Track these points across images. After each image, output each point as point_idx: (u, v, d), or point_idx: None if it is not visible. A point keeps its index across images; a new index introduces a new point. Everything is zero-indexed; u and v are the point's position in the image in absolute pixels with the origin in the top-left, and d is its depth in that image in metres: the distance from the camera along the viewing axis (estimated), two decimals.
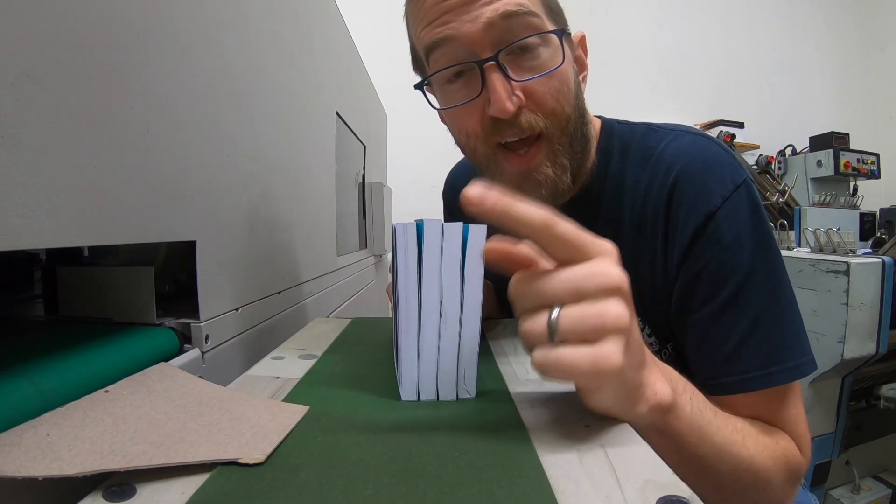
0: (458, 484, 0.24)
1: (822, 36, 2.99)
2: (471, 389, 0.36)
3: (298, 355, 0.47)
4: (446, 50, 0.45)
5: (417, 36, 0.47)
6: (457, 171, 0.74)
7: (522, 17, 0.43)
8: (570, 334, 0.26)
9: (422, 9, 0.46)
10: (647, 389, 0.32)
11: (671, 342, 0.52)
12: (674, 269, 0.48)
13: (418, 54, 0.50)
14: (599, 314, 0.26)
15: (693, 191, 0.46)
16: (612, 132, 0.54)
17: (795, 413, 0.46)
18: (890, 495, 1.46)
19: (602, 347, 0.26)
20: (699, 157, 0.48)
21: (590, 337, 0.26)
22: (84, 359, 0.33)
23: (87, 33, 0.31)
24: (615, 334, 0.26)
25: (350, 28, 1.18)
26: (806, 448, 0.46)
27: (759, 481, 0.41)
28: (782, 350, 0.44)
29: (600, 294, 0.27)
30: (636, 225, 0.50)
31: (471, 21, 0.43)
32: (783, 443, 0.44)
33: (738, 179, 0.46)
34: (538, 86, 0.45)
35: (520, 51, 0.44)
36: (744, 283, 0.44)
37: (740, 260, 0.44)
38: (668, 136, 0.51)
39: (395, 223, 0.34)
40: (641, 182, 0.50)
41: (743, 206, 0.45)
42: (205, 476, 0.24)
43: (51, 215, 0.28)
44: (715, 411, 0.39)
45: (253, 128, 0.59)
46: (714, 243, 0.45)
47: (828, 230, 1.39)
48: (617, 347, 0.26)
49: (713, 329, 0.45)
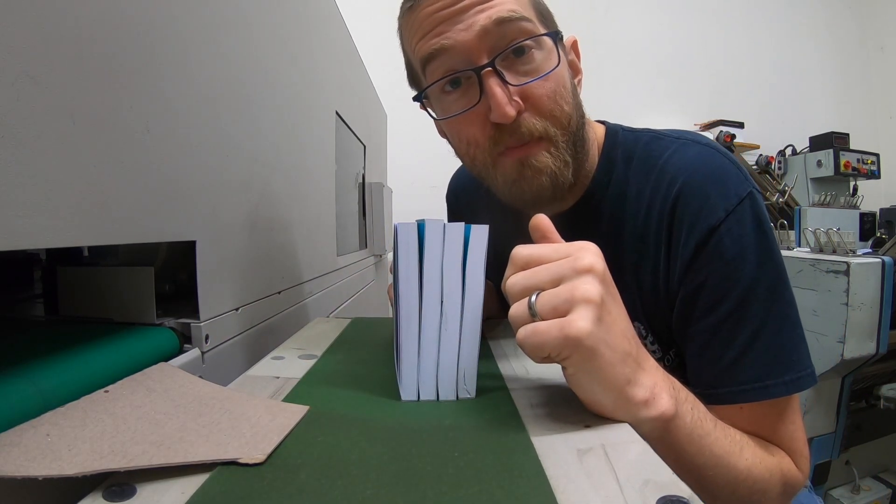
0: (458, 484, 0.24)
1: (822, 36, 2.99)
2: (471, 389, 0.36)
3: (298, 355, 0.47)
4: (443, 60, 0.45)
5: (413, 49, 0.47)
6: (460, 176, 0.74)
7: (515, 22, 0.43)
8: (546, 310, 0.30)
9: (415, 21, 0.46)
10: (644, 392, 0.32)
11: (674, 349, 0.52)
12: (676, 280, 0.47)
13: (414, 68, 0.50)
14: (570, 289, 0.30)
15: (696, 203, 0.46)
16: (616, 139, 0.54)
17: (793, 429, 0.46)
18: (890, 495, 1.46)
19: (570, 315, 0.30)
20: (703, 168, 0.47)
21: (562, 310, 0.30)
22: (84, 359, 0.33)
23: (88, 33, 0.31)
24: (583, 304, 0.30)
25: (350, 28, 1.18)
26: (803, 464, 0.46)
27: (755, 493, 0.41)
28: (780, 364, 0.44)
29: (573, 275, 0.31)
30: (639, 234, 0.50)
31: (465, 29, 0.43)
32: (779, 457, 0.44)
33: (743, 192, 0.46)
34: (535, 89, 0.45)
35: (515, 56, 0.44)
36: (745, 297, 0.44)
37: (742, 274, 0.44)
38: (673, 146, 0.50)
39: (396, 223, 0.34)
40: (645, 191, 0.50)
41: (747, 220, 0.45)
42: (205, 476, 0.24)
43: (51, 215, 0.28)
44: (715, 422, 0.39)
45: (253, 128, 0.59)
46: (716, 257, 0.45)
47: (828, 230, 1.39)
48: (584, 314, 0.29)
49: (712, 341, 0.45)
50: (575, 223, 0.53)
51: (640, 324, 0.52)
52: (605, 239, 0.52)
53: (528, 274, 0.32)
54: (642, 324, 0.52)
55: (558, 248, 0.33)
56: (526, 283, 0.32)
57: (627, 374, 0.31)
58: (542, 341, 0.30)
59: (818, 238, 1.41)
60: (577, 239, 0.34)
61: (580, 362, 0.30)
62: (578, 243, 0.33)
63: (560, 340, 0.29)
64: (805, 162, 2.46)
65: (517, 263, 0.33)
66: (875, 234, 1.82)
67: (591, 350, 0.29)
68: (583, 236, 0.33)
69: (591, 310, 0.29)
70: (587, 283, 0.30)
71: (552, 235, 0.35)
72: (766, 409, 0.44)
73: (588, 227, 0.53)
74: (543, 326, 0.30)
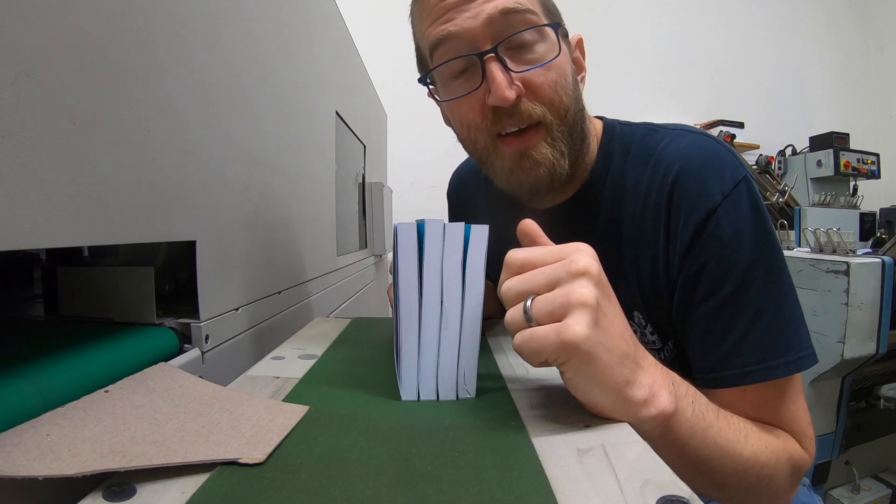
0: (458, 484, 0.24)
1: (822, 36, 2.99)
2: (471, 389, 0.36)
3: (298, 355, 0.47)
4: (449, 46, 0.47)
5: (422, 34, 0.49)
6: (461, 173, 0.75)
7: (521, 13, 0.45)
8: (541, 314, 0.30)
9: (426, 8, 0.48)
10: (643, 391, 0.32)
11: (672, 339, 0.52)
12: (675, 266, 0.48)
13: (423, 53, 0.51)
14: (565, 293, 0.30)
15: (693, 188, 0.47)
16: (614, 133, 0.55)
17: (796, 409, 0.46)
18: (890, 495, 1.46)
19: (566, 320, 0.29)
20: (699, 154, 0.48)
21: (558, 314, 0.30)
22: (84, 359, 0.33)
23: (88, 33, 0.31)
24: (579, 308, 0.30)
25: (350, 28, 1.18)
26: (809, 445, 0.46)
27: (763, 478, 0.41)
28: (781, 344, 0.44)
29: (568, 278, 0.31)
30: (637, 224, 0.51)
31: (472, 17, 0.45)
32: (784, 440, 0.45)
33: (738, 176, 0.46)
34: (536, 77, 0.46)
35: (518, 46, 0.46)
36: (744, 279, 0.45)
37: (740, 257, 0.45)
38: (669, 136, 0.51)
39: (396, 223, 0.34)
40: (642, 181, 0.51)
41: (743, 203, 0.46)
42: (205, 476, 0.24)
43: (51, 215, 0.28)
44: (717, 412, 0.39)
45: (253, 128, 0.59)
46: (715, 240, 0.45)
47: (828, 230, 1.39)
48: (580, 319, 0.29)
49: (713, 325, 0.46)
50: (573, 214, 0.54)
51: (639, 314, 0.53)
52: (604, 229, 0.53)
53: (524, 278, 0.32)
54: (642, 314, 0.52)
55: (552, 250, 0.33)
56: (521, 287, 0.32)
57: (626, 374, 0.31)
58: (539, 346, 0.30)
59: (818, 238, 1.41)
60: (576, 230, 0.34)
61: (578, 366, 0.30)
62: (572, 245, 0.33)
63: (557, 345, 0.29)
64: (805, 162, 2.46)
65: (512, 268, 0.33)
66: (875, 234, 1.82)
67: (588, 354, 0.29)
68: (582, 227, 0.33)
69: (587, 313, 0.29)
70: (582, 287, 0.30)
71: (540, 239, 0.35)
72: (769, 390, 0.45)
73: (587, 218, 0.54)
74: (540, 332, 0.30)
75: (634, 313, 0.53)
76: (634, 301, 0.52)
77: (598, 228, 0.53)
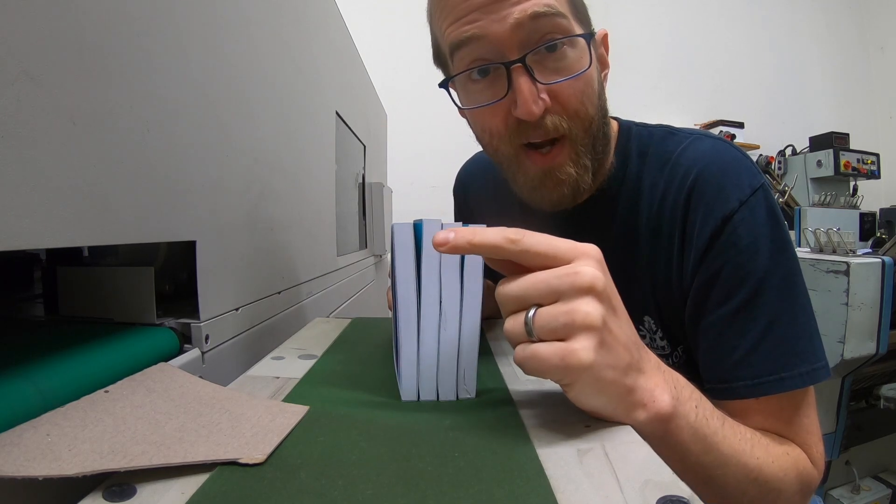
0: (458, 484, 0.24)
1: (822, 36, 2.98)
2: (471, 389, 0.36)
3: (298, 355, 0.47)
4: (472, 48, 0.45)
5: (443, 32, 0.47)
6: (469, 169, 0.74)
7: (550, 17, 0.43)
8: (544, 332, 0.28)
9: (448, 4, 0.45)
10: (643, 395, 0.32)
11: (682, 345, 0.52)
12: (690, 271, 0.47)
13: (442, 50, 0.50)
14: (569, 312, 0.28)
15: (711, 194, 0.46)
16: (630, 134, 0.54)
17: (808, 423, 0.45)
18: (890, 495, 1.47)
19: (571, 344, 0.28)
20: (717, 160, 0.48)
21: (561, 334, 0.28)
22: (84, 359, 0.33)
23: (88, 33, 0.31)
24: (585, 331, 0.28)
25: (350, 28, 1.18)
26: (819, 460, 0.45)
27: (769, 492, 0.40)
28: (795, 355, 0.43)
29: (572, 293, 0.29)
30: (653, 227, 0.50)
31: (499, 21, 0.43)
32: (794, 453, 0.43)
33: (756, 184, 0.46)
34: (564, 88, 0.45)
35: (546, 51, 0.44)
36: (758, 287, 0.44)
37: (756, 264, 0.44)
38: (687, 140, 0.51)
39: (393, 223, 0.34)
40: (659, 185, 0.50)
41: (760, 210, 0.45)
42: (205, 476, 0.24)
43: (51, 215, 0.28)
44: (723, 420, 0.38)
45: (253, 128, 0.59)
46: (730, 247, 0.45)
47: (828, 230, 1.39)
48: (586, 344, 0.28)
49: (726, 333, 0.45)
50: (589, 217, 0.53)
51: (650, 318, 0.52)
52: (619, 232, 0.52)
53: (524, 285, 0.29)
54: (653, 318, 0.52)
55: (555, 253, 0.30)
56: (519, 293, 0.29)
57: (628, 384, 0.31)
58: (541, 367, 0.28)
59: (818, 238, 1.41)
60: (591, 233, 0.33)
61: (582, 388, 0.29)
62: (577, 248, 0.30)
63: (561, 370, 0.28)
64: (805, 162, 2.46)
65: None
66: (875, 234, 1.82)
67: (594, 378, 0.29)
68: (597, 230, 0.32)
69: (592, 337, 0.28)
70: (587, 306, 0.28)
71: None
72: (782, 402, 0.44)
73: (602, 221, 0.53)
74: (543, 353, 0.28)
75: (645, 318, 0.52)
76: (647, 305, 0.51)
77: (613, 231, 0.52)
